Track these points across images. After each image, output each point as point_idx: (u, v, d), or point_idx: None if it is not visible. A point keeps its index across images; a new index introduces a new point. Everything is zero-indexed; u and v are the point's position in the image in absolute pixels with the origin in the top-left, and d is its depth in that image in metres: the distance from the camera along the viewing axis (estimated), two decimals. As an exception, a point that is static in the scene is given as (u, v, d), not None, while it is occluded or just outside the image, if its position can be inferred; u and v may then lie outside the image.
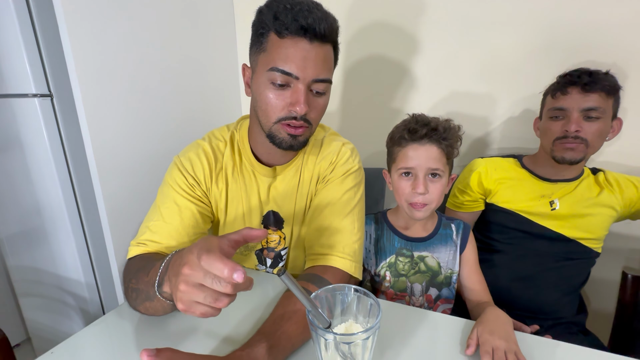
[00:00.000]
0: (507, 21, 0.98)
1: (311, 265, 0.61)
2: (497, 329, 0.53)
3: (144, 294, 0.49)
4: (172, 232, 0.59)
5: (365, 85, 1.19)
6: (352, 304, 0.41)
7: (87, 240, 1.04)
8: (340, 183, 0.65)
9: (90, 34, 0.81)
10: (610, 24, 0.90)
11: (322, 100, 0.57)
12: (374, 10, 1.11)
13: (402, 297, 0.75)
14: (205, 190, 0.65)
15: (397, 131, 0.72)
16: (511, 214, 0.87)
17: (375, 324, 0.35)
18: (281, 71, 0.52)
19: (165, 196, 0.62)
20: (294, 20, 0.50)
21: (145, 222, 0.62)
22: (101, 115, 0.85)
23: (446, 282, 0.75)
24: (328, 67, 0.55)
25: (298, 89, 0.53)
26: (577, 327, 0.83)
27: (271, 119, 0.56)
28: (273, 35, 0.52)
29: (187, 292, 0.35)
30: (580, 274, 0.86)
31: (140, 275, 0.50)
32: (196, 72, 1.14)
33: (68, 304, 1.10)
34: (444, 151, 0.67)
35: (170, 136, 1.06)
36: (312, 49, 0.52)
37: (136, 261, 0.56)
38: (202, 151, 0.64)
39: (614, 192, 0.84)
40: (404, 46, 1.10)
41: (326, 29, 0.51)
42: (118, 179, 0.91)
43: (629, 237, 0.98)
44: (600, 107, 0.76)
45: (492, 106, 1.07)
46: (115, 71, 0.88)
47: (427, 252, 0.75)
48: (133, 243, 0.60)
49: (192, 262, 0.35)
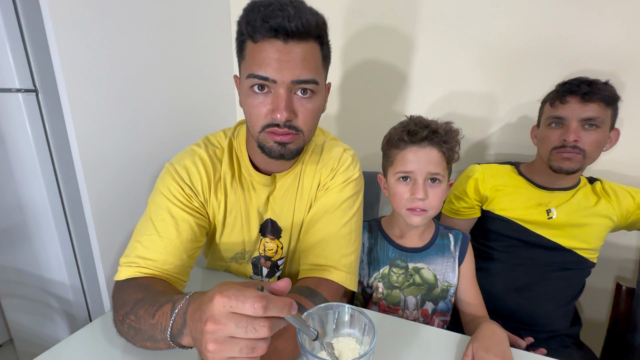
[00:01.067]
0: (506, 27, 0.97)
1: (305, 276, 0.59)
2: (493, 346, 0.51)
3: (148, 335, 0.44)
4: (168, 247, 0.55)
5: (359, 87, 1.17)
6: (346, 321, 0.39)
7: (73, 240, 1.01)
8: (340, 191, 0.62)
9: (76, 29, 0.78)
10: (608, 32, 0.90)
11: (310, 105, 0.52)
12: (370, 12, 1.09)
13: (395, 310, 0.73)
14: (202, 201, 0.61)
15: (395, 133, 0.68)
16: (507, 222, 0.86)
17: (369, 350, 0.33)
18: (257, 76, 0.49)
19: (158, 207, 0.57)
20: (263, 22, 0.47)
21: (135, 237, 0.57)
22: (88, 112, 0.82)
23: (442, 295, 0.72)
24: (311, 66, 0.50)
25: (278, 94, 0.50)
26: (571, 340, 0.82)
27: (256, 127, 0.53)
28: (249, 42, 0.50)
29: (219, 351, 0.32)
30: (575, 285, 0.85)
31: (141, 314, 0.45)
32: (187, 70, 1.11)
33: (52, 306, 1.06)
34: (444, 155, 0.65)
35: (159, 135, 1.03)
36: (287, 49, 0.48)
37: (130, 290, 0.50)
38: (199, 159, 0.60)
39: (611, 202, 0.83)
40: (399, 48, 1.08)
41: (301, 26, 0.47)
42: (105, 179, 0.88)
43: (622, 247, 0.98)
44: (599, 117, 0.75)
45: (490, 111, 1.06)
46: (103, 68, 0.85)
47: (422, 263, 0.72)
48: (123, 262, 0.55)
49: (216, 314, 0.32)
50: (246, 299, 0.31)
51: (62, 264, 1.00)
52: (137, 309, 0.46)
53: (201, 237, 0.60)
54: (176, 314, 0.41)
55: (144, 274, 0.53)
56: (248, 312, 0.31)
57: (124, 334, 0.49)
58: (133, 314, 0.46)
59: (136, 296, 0.48)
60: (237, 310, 0.31)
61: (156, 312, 0.43)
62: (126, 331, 0.48)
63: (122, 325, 0.48)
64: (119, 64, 0.88)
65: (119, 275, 0.54)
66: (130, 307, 0.47)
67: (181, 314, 0.40)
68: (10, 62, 0.84)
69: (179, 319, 0.40)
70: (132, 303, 0.47)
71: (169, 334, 0.40)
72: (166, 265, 0.54)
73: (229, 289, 0.33)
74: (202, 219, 0.60)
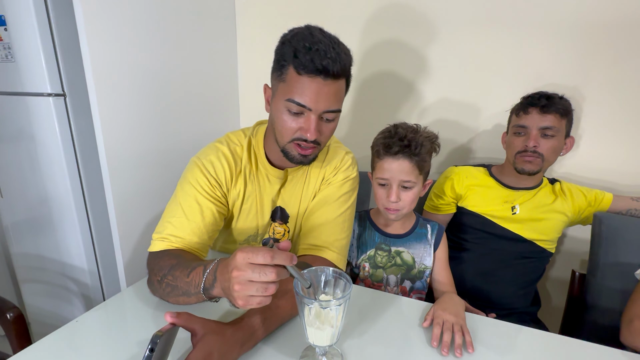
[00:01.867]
0: (484, 47, 1.10)
1: (303, 254, 0.71)
2: (449, 307, 0.64)
3: (182, 291, 0.56)
4: (194, 229, 0.65)
5: (353, 92, 1.28)
6: (330, 282, 0.51)
7: (92, 230, 1.12)
8: (339, 186, 0.75)
9: (105, 37, 0.89)
10: (570, 53, 1.03)
11: (331, 125, 0.65)
12: (370, 23, 1.20)
13: (378, 287, 0.85)
14: (225, 191, 0.71)
15: (377, 143, 0.80)
16: (478, 217, 0.98)
17: (346, 294, 0.45)
18: (297, 103, 0.59)
19: (186, 194, 0.67)
20: (311, 62, 0.56)
21: (166, 217, 0.67)
22: (112, 113, 0.94)
23: (419, 275, 0.85)
24: (338, 99, 0.62)
25: (310, 119, 0.60)
26: (529, 317, 0.95)
27: (285, 139, 0.64)
28: (292, 70, 0.59)
29: (242, 290, 0.43)
30: (534, 270, 0.98)
31: (178, 275, 0.56)
32: (198, 75, 1.22)
33: (70, 289, 1.17)
34: (415, 165, 0.75)
35: (175, 133, 1.15)
36: (325, 86, 0.58)
37: (165, 257, 0.61)
38: (222, 155, 0.70)
39: (566, 200, 0.96)
40: (393, 54, 1.20)
41: (339, 69, 0.58)
42: (126, 174, 0.99)
43: (579, 240, 1.11)
44: (555, 127, 0.88)
45: (470, 119, 1.18)
46: (127, 72, 0.96)
47: (403, 247, 0.85)
48: (156, 237, 0.65)
49: (238, 264, 0.43)
50: (259, 252, 0.43)
51: (82, 251, 1.11)
52: (173, 270, 0.57)
53: (220, 222, 0.72)
54: (208, 272, 0.52)
55: (174, 247, 0.64)
56: (260, 261, 0.42)
57: (159, 291, 0.61)
58: (170, 275, 0.57)
59: (171, 262, 0.59)
60: (252, 261, 0.43)
61: (190, 272, 0.55)
62: (163, 289, 0.59)
63: (160, 284, 0.59)
64: (139, 69, 1.00)
65: (153, 247, 0.65)
66: (167, 269, 0.58)
67: (212, 273, 0.52)
68: (43, 68, 0.95)
69: (210, 277, 0.52)
70: (169, 267, 0.58)
71: (202, 287, 0.52)
72: (192, 243, 0.65)
73: (247, 247, 0.44)
74: (222, 207, 0.71)
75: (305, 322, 0.47)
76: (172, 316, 0.45)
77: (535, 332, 0.63)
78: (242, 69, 1.42)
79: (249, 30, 1.36)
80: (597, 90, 1.03)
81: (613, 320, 0.85)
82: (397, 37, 1.19)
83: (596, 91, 1.04)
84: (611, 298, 0.87)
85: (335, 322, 0.46)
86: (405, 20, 1.16)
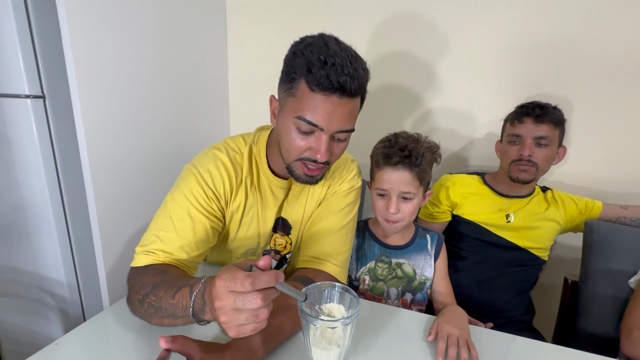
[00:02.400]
0: (481, 56, 1.11)
1: (304, 266, 0.68)
2: (453, 320, 0.63)
3: (168, 313, 0.50)
4: (184, 246, 0.60)
5: (373, 102, 1.23)
6: (334, 297, 0.48)
7: (71, 239, 1.05)
8: (344, 196, 0.72)
9: (90, 36, 0.84)
10: (561, 62, 1.05)
11: (342, 145, 0.60)
12: (362, 29, 1.19)
13: (378, 300, 0.83)
14: (223, 205, 0.65)
15: (376, 152, 0.78)
16: (473, 225, 0.98)
17: (355, 312, 0.43)
18: (308, 122, 0.54)
19: (178, 206, 0.61)
20: (326, 78, 0.50)
21: (153, 230, 0.61)
22: (96, 116, 0.88)
23: (420, 287, 0.84)
24: (353, 118, 0.57)
25: (322, 139, 0.55)
26: (524, 325, 0.96)
27: (292, 156, 0.59)
28: (304, 85, 0.53)
29: (230, 321, 0.40)
30: (528, 278, 0.98)
31: (162, 295, 0.51)
32: (186, 78, 1.18)
33: (46, 304, 1.09)
34: (416, 176, 0.73)
35: (162, 138, 1.10)
36: (340, 105, 0.53)
37: (149, 273, 0.56)
38: (221, 164, 0.64)
39: (559, 209, 0.97)
40: (387, 63, 1.20)
41: (357, 87, 0.53)
42: (110, 180, 0.94)
43: (571, 247, 1.13)
44: (549, 136, 0.89)
45: (464, 127, 1.19)
46: (111, 74, 0.91)
47: (404, 259, 0.83)
48: (140, 250, 0.60)
49: (219, 294, 0.39)
50: (236, 279, 0.38)
51: (59, 262, 1.03)
52: (157, 290, 0.52)
53: (213, 239, 0.66)
54: (195, 295, 0.47)
55: (160, 261, 0.59)
56: (240, 289, 0.38)
57: (140, 311, 0.55)
58: (153, 294, 0.52)
59: (154, 279, 0.54)
60: (233, 289, 0.39)
61: (175, 293, 0.50)
62: (145, 309, 0.53)
63: (142, 304, 0.53)
64: (125, 71, 0.95)
65: (137, 262, 0.59)
66: (150, 288, 0.53)
67: (200, 296, 0.47)
68: (21, 70, 0.89)
69: (199, 301, 0.47)
70: (152, 285, 0.53)
71: (192, 312, 0.47)
72: (180, 260, 0.60)
73: (224, 273, 0.40)
74: (216, 222, 0.65)
75: (311, 342, 0.45)
76: (167, 341, 0.41)
77: (535, 344, 0.63)
78: (233, 71, 1.39)
79: (240, 28, 1.33)
80: (585, 101, 1.06)
81: (606, 327, 0.87)
82: (392, 46, 1.18)
83: (584, 102, 1.06)
84: (603, 305, 0.88)
85: (343, 341, 0.44)
86: (402, 29, 1.16)
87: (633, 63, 0.99)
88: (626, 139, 1.05)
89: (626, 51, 0.99)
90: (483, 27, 1.08)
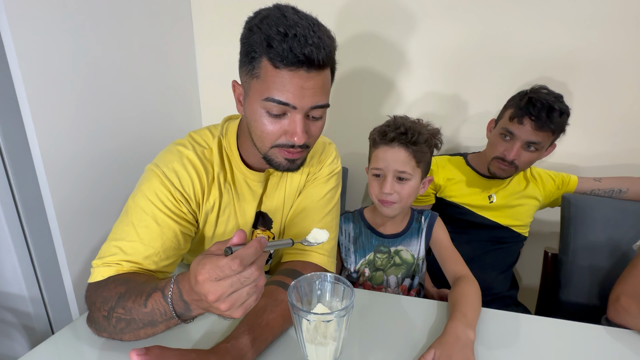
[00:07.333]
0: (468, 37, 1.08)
1: (290, 259, 0.64)
2: (456, 353, 0.51)
3: (144, 322, 0.46)
4: (151, 256, 0.53)
5: (345, 88, 1.22)
6: (327, 288, 0.45)
7: (30, 249, 0.95)
8: (325, 182, 0.68)
9: (35, 31, 0.75)
10: (564, 44, 1.01)
11: (319, 123, 0.55)
12: (357, 18, 1.14)
13: (378, 289, 0.81)
14: (194, 207, 0.59)
15: (373, 133, 0.76)
16: (458, 207, 0.98)
17: (349, 303, 0.40)
18: (277, 101, 0.49)
19: (142, 211, 0.54)
20: (289, 51, 0.46)
21: (114, 241, 0.54)
22: (49, 115, 0.80)
23: (417, 270, 0.82)
24: (325, 92, 0.52)
25: (295, 119, 0.51)
26: (510, 300, 0.98)
27: (267, 145, 0.54)
28: (266, 63, 0.48)
29: (232, 305, 0.37)
30: (511, 255, 1.00)
31: (130, 305, 0.46)
32: (150, 71, 1.10)
33: (8, 321, 0.99)
34: (412, 155, 0.70)
35: (124, 137, 1.01)
36: (310, 78, 0.48)
37: (110, 286, 0.50)
38: (188, 162, 0.58)
39: (537, 185, 0.99)
40: (369, 48, 1.16)
41: (324, 57, 0.48)
42: (70, 181, 0.86)
43: (549, 222, 1.16)
44: (541, 143, 0.85)
45: (455, 110, 1.16)
46: (64, 70, 0.82)
47: (402, 246, 0.81)
48: (98, 264, 0.53)
49: (209, 289, 0.36)
50: (222, 267, 0.36)
51: (19, 275, 0.94)
52: (123, 301, 0.47)
53: (185, 245, 0.59)
54: (171, 299, 0.43)
55: (125, 272, 0.52)
56: (231, 274, 0.36)
57: (109, 329, 0.49)
58: (120, 307, 0.47)
59: (118, 290, 0.48)
60: (221, 277, 0.36)
61: (147, 301, 0.45)
62: (114, 325, 0.48)
63: (108, 320, 0.48)
64: (79, 65, 0.86)
65: (95, 276, 0.52)
66: (115, 301, 0.47)
67: (177, 298, 0.43)
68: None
69: (180, 303, 0.43)
70: (116, 297, 0.47)
71: (175, 315, 0.43)
72: (147, 270, 0.54)
73: (202, 267, 0.36)
74: (188, 227, 0.59)
75: (304, 338, 0.41)
76: (139, 354, 0.36)
77: (524, 317, 0.64)
78: (201, 61, 1.30)
79: (207, 16, 1.24)
80: (566, 82, 1.04)
81: (586, 297, 0.90)
82: (372, 30, 1.14)
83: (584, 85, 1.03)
84: (583, 275, 0.91)
85: (339, 334, 0.41)
86: (380, 12, 1.12)
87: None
88: (598, 117, 1.07)
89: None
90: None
